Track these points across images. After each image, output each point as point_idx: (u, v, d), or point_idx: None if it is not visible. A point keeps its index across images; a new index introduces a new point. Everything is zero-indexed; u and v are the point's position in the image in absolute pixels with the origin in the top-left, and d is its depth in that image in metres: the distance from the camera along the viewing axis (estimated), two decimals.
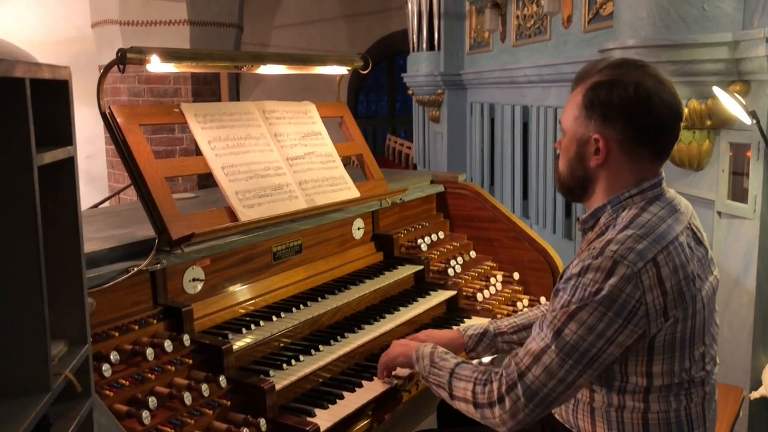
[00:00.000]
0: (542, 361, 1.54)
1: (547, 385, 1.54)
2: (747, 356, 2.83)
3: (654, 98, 1.57)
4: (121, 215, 2.39)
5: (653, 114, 1.57)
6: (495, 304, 2.70)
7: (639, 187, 1.62)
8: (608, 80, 1.60)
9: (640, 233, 1.52)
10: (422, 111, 8.06)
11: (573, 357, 1.52)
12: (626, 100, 1.57)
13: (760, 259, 2.74)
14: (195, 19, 7.29)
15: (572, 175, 1.70)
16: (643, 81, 1.58)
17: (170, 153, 7.08)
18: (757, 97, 2.69)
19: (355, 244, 2.62)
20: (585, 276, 1.52)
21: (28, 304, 1.09)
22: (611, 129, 1.60)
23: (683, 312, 1.53)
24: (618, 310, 1.48)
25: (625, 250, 1.50)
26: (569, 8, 4.73)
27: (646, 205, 1.60)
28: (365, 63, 2.77)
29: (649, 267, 1.49)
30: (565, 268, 1.63)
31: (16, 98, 1.04)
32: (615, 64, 1.64)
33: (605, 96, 1.59)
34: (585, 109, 1.62)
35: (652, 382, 1.56)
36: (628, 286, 1.48)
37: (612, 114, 1.59)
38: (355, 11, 12.40)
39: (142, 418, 1.57)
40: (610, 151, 1.61)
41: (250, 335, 1.97)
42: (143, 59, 1.99)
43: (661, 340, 1.53)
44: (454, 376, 1.71)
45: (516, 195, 5.93)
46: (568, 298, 1.53)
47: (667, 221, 1.57)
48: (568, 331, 1.52)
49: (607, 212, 1.65)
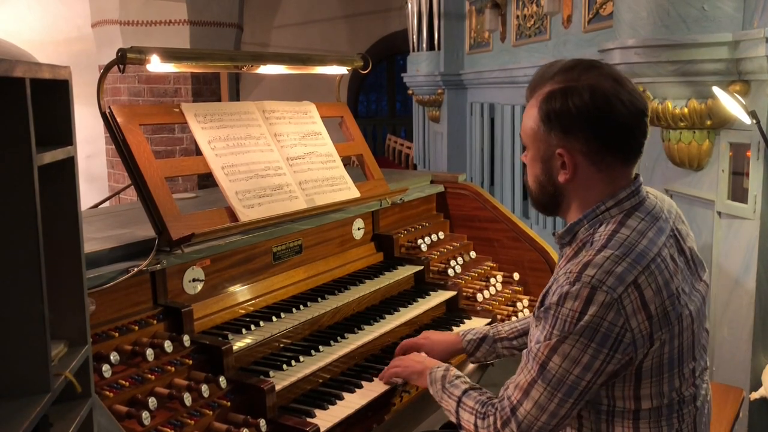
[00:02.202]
0: (531, 395, 1.49)
1: (540, 419, 1.49)
2: (747, 356, 2.83)
3: (612, 100, 1.46)
4: (121, 215, 2.39)
5: (614, 117, 1.46)
6: (495, 304, 2.70)
7: (615, 198, 1.52)
8: (561, 88, 1.49)
9: (618, 253, 1.43)
10: (422, 111, 8.06)
11: (561, 390, 1.46)
12: (583, 107, 1.46)
13: (760, 259, 2.74)
14: (195, 19, 7.29)
15: (542, 192, 1.60)
16: (598, 84, 1.47)
17: (170, 153, 7.08)
18: (757, 97, 2.69)
19: (355, 244, 2.62)
20: (563, 306, 1.43)
21: (28, 304, 1.09)
22: (574, 141, 1.49)
23: (669, 333, 1.45)
24: (601, 340, 1.40)
25: (602, 274, 1.40)
26: (569, 8, 4.73)
27: (624, 218, 1.50)
28: (365, 63, 2.77)
29: (631, 291, 1.40)
30: (544, 290, 1.54)
31: (16, 98, 1.04)
32: (567, 67, 1.52)
33: (560, 106, 1.48)
34: (543, 124, 1.52)
35: (641, 404, 1.50)
36: (609, 314, 1.39)
37: (572, 125, 1.48)
38: (355, 11, 12.40)
39: (142, 418, 1.57)
40: (577, 164, 1.51)
41: (250, 336, 1.97)
42: (143, 59, 1.99)
43: (648, 365, 1.46)
44: (461, 407, 1.69)
45: (516, 195, 5.93)
46: (549, 330, 1.46)
47: (648, 235, 1.48)
48: (553, 364, 1.45)
49: (583, 227, 1.55)
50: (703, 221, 3.05)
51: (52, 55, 7.81)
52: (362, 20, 12.49)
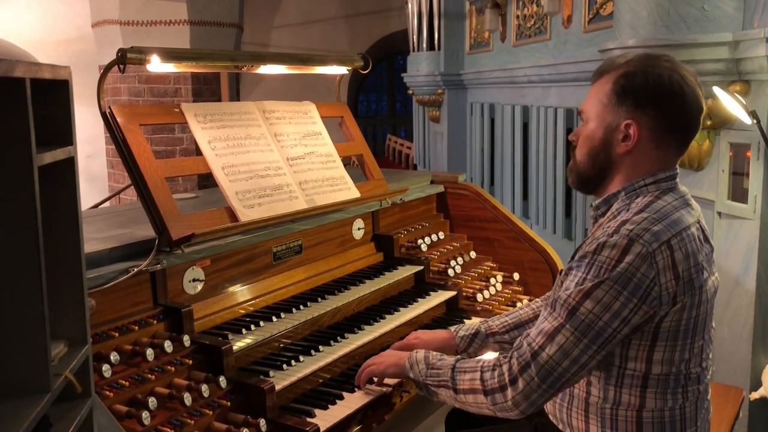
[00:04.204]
0: (556, 340, 1.53)
1: (561, 365, 1.53)
2: (747, 356, 2.83)
3: (685, 88, 1.59)
4: (121, 215, 2.38)
5: (685, 103, 1.60)
6: (495, 304, 2.70)
7: (654, 176, 1.63)
8: (641, 69, 1.61)
9: (656, 217, 1.54)
10: (422, 111, 8.06)
11: (588, 336, 1.51)
12: (661, 86, 1.59)
13: (760, 259, 2.74)
14: (195, 19, 7.29)
15: (593, 163, 1.69)
16: (674, 71, 1.60)
17: (170, 153, 7.08)
18: (757, 97, 2.69)
19: (356, 244, 2.62)
20: (601, 254, 1.52)
21: (28, 304, 1.08)
22: (643, 115, 1.60)
23: (690, 299, 1.54)
24: (633, 288, 1.49)
25: (640, 230, 1.51)
26: (569, 8, 4.73)
27: (660, 194, 1.62)
28: (365, 63, 2.77)
29: (664, 249, 1.50)
30: (576, 248, 1.62)
31: (16, 98, 1.04)
32: (642, 57, 1.66)
33: (640, 82, 1.60)
34: (616, 96, 1.63)
35: (651, 369, 1.56)
36: (643, 265, 1.49)
37: (645, 100, 1.60)
38: (355, 11, 12.41)
39: (142, 418, 1.57)
40: (641, 137, 1.62)
41: (250, 336, 1.97)
42: (143, 59, 1.99)
43: (666, 326, 1.54)
44: (457, 371, 1.69)
45: (516, 195, 5.93)
46: (582, 276, 1.53)
47: (681, 211, 1.59)
48: (584, 309, 1.51)
49: (620, 199, 1.65)
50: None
51: (52, 55, 7.81)
52: (362, 20, 12.50)
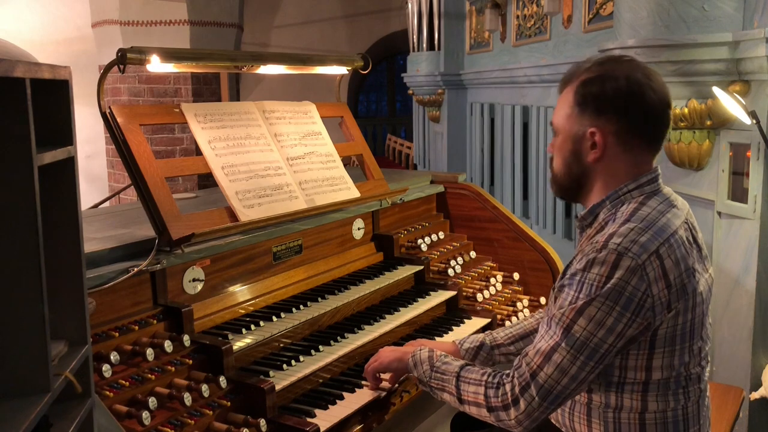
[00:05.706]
0: (553, 359, 1.54)
1: (561, 383, 1.54)
2: (747, 356, 2.83)
3: (645, 88, 1.59)
4: (121, 215, 2.38)
5: (645, 103, 1.60)
6: (495, 304, 2.70)
7: (637, 181, 1.64)
8: (598, 75, 1.63)
9: (642, 226, 1.54)
10: (422, 111, 8.06)
11: (584, 353, 1.52)
12: (618, 91, 1.59)
13: (760, 259, 2.74)
14: (195, 19, 7.29)
15: (569, 173, 1.70)
16: (632, 73, 1.61)
17: (170, 153, 7.08)
18: (757, 97, 2.69)
19: (355, 244, 2.62)
20: (590, 271, 1.52)
21: (28, 304, 1.08)
22: (605, 121, 1.61)
23: (684, 304, 1.54)
24: (625, 303, 1.49)
25: (628, 242, 1.51)
26: (569, 8, 4.73)
27: (644, 199, 1.62)
28: (365, 63, 2.77)
29: (653, 259, 1.50)
30: (567, 264, 1.64)
31: (16, 98, 1.04)
32: (601, 61, 1.67)
33: (597, 89, 1.61)
34: (578, 106, 1.64)
35: (651, 376, 1.57)
36: (633, 279, 1.49)
37: (605, 106, 1.61)
38: (355, 11, 12.41)
39: (142, 418, 1.57)
40: (607, 144, 1.62)
41: (250, 336, 1.97)
42: (143, 59, 1.99)
43: (662, 333, 1.54)
44: (462, 380, 1.70)
45: (516, 195, 5.93)
46: (575, 294, 1.54)
47: (666, 215, 1.59)
48: (578, 327, 1.52)
49: (605, 208, 1.66)
50: (703, 221, 3.05)
51: (52, 55, 7.81)
52: (362, 20, 12.50)
